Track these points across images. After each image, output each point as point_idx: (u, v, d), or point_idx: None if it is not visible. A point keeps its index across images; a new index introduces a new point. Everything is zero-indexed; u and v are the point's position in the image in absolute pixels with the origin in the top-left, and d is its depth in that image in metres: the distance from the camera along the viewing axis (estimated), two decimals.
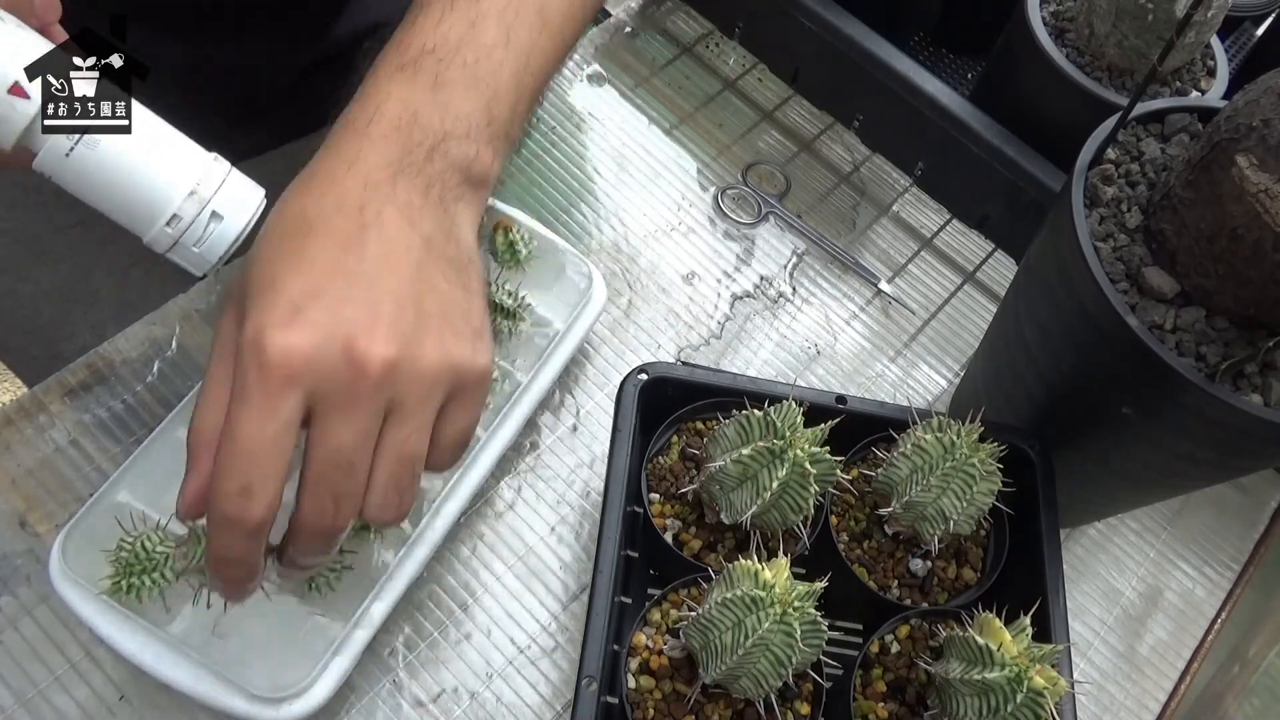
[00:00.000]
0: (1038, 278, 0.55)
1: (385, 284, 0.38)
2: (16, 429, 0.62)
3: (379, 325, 0.37)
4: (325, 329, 0.36)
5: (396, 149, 0.42)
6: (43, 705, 0.55)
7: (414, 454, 0.40)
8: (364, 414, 0.37)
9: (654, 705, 0.51)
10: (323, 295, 0.37)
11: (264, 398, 0.36)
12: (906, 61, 0.76)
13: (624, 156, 0.81)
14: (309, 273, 0.38)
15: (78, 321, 0.77)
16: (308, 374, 0.36)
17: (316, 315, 0.37)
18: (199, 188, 0.42)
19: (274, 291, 0.37)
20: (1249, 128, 0.44)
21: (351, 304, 0.37)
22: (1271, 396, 0.47)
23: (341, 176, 0.41)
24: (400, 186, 0.41)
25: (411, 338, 0.38)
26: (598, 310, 0.67)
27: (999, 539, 0.59)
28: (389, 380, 0.37)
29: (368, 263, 0.39)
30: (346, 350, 0.37)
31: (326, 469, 0.38)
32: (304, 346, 0.36)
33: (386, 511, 0.40)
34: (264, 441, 0.36)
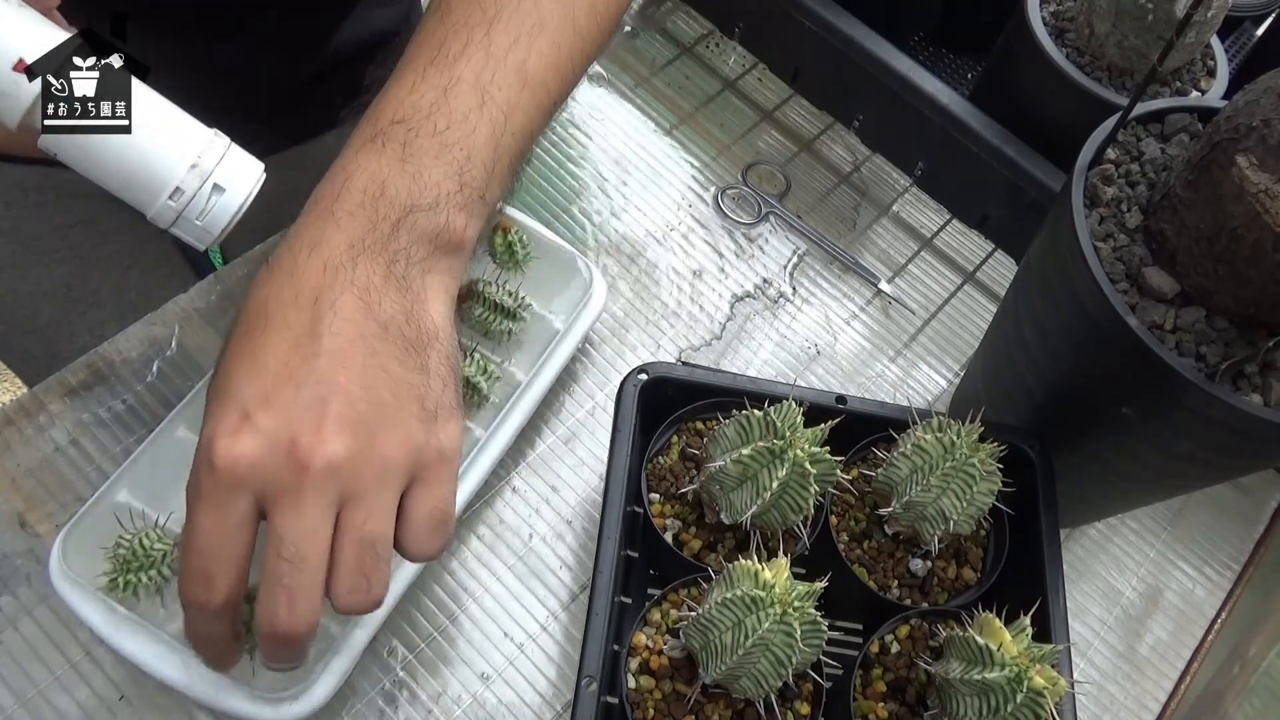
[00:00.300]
0: (1038, 278, 0.55)
1: (335, 380, 0.40)
2: (16, 429, 0.62)
3: (325, 423, 0.39)
4: (269, 435, 0.39)
5: (360, 226, 0.42)
6: (43, 705, 0.55)
7: (373, 535, 0.40)
8: (311, 507, 0.39)
9: (654, 705, 0.51)
10: (271, 401, 0.39)
11: (214, 500, 0.39)
12: (906, 61, 0.76)
13: (624, 156, 0.81)
14: (260, 377, 0.40)
15: (77, 322, 0.77)
16: (252, 478, 0.38)
17: (263, 422, 0.39)
18: (200, 161, 0.42)
19: (228, 398, 0.40)
20: (1249, 128, 0.44)
21: (298, 406, 0.39)
22: (1271, 396, 0.47)
23: (303, 263, 0.42)
24: (360, 268, 0.42)
25: (362, 430, 0.40)
26: (598, 310, 0.67)
27: (999, 539, 0.59)
28: (334, 474, 0.39)
29: (320, 359, 0.40)
30: (289, 453, 0.38)
31: (275, 563, 0.39)
32: (248, 454, 0.38)
33: (355, 596, 0.41)
34: (219, 537, 0.39)
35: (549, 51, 0.50)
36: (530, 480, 0.65)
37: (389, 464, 0.40)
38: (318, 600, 0.40)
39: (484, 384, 0.61)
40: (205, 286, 0.68)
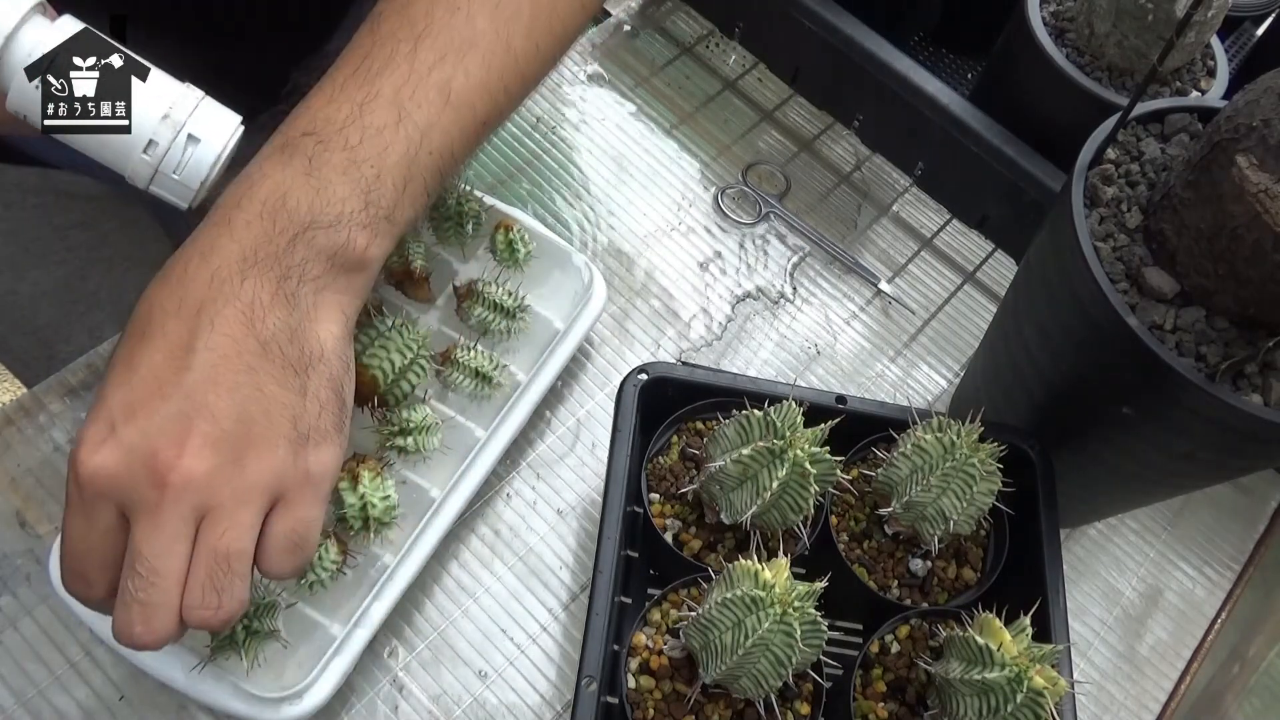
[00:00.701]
0: (1038, 278, 0.55)
1: (203, 396, 0.40)
2: (16, 429, 0.62)
3: (188, 439, 0.39)
4: (130, 448, 0.39)
5: (255, 237, 0.42)
6: (43, 705, 0.55)
7: (228, 551, 0.40)
8: (167, 522, 0.39)
9: (654, 705, 0.51)
10: (136, 413, 0.39)
11: (80, 508, 0.40)
12: (906, 61, 0.76)
13: (624, 156, 0.81)
14: (129, 386, 0.40)
15: (75, 323, 0.77)
16: (113, 490, 0.39)
17: (127, 434, 0.39)
18: (172, 111, 0.42)
19: (99, 405, 0.40)
20: (1249, 128, 0.44)
21: (163, 419, 0.39)
22: (1271, 396, 0.47)
23: (192, 271, 0.41)
24: (249, 282, 0.41)
25: (225, 447, 0.40)
26: (598, 310, 0.67)
27: (999, 539, 0.59)
28: (192, 489, 0.39)
29: (192, 373, 0.40)
30: (148, 466, 0.39)
31: (130, 576, 0.39)
32: (108, 466, 0.39)
33: (205, 611, 0.40)
34: (88, 543, 0.40)
35: (477, 72, 0.48)
36: (530, 480, 0.65)
37: (250, 483, 0.40)
38: (173, 614, 0.40)
39: (494, 374, 0.61)
40: None
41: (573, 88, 0.84)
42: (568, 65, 0.85)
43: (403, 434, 0.57)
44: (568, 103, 0.83)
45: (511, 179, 0.78)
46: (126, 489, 0.39)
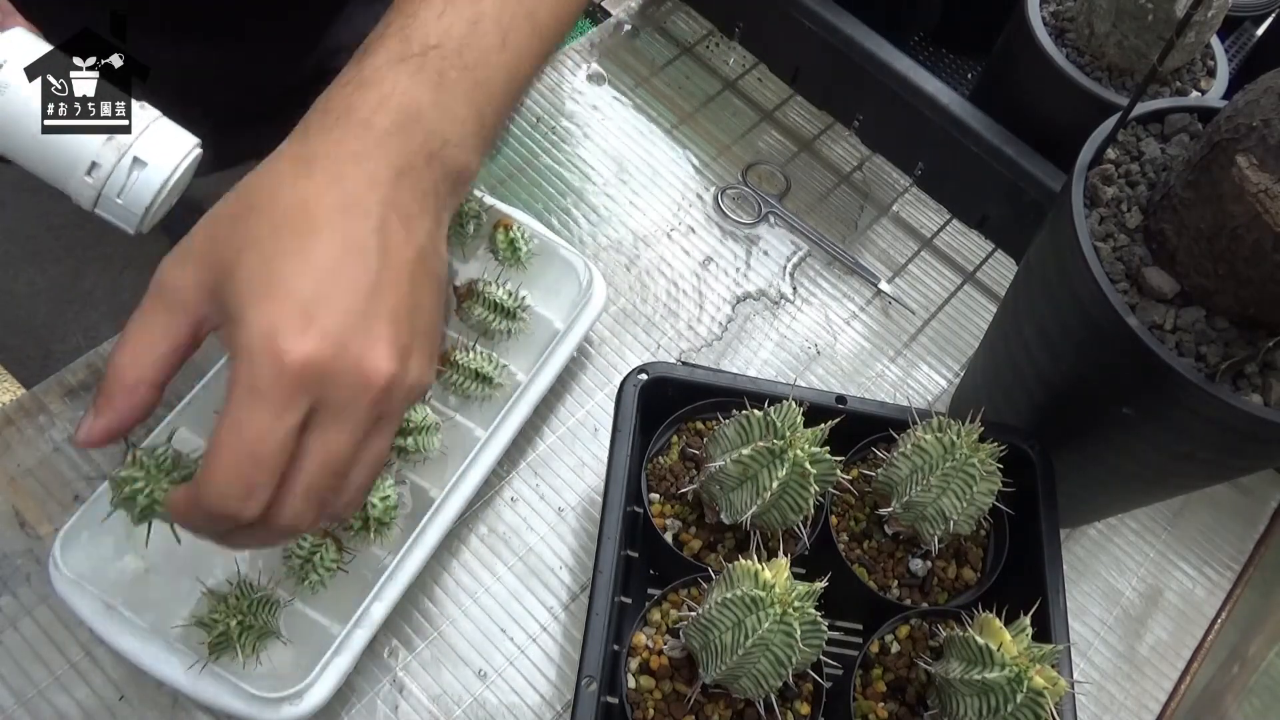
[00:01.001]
0: (1038, 278, 0.55)
1: (388, 299, 0.38)
2: (16, 429, 0.62)
3: (383, 341, 0.37)
4: (339, 341, 0.36)
5: (400, 150, 0.41)
6: (43, 705, 0.55)
7: (379, 461, 0.40)
8: (361, 425, 0.38)
9: (654, 705, 0.51)
10: (332, 304, 0.36)
11: (276, 399, 0.35)
12: (906, 61, 0.76)
13: (624, 156, 0.81)
14: (316, 276, 0.37)
15: (71, 322, 0.77)
16: (318, 385, 0.36)
17: (329, 325, 0.36)
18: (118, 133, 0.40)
19: (281, 290, 0.36)
20: (1249, 128, 0.44)
21: (361, 316, 0.37)
22: (1271, 396, 0.47)
23: (348, 172, 0.39)
24: (402, 192, 0.40)
25: (404, 356, 0.38)
26: (598, 310, 0.67)
27: (999, 539, 0.59)
28: (386, 396, 0.38)
29: (373, 274, 0.38)
30: (357, 365, 0.36)
31: (321, 476, 0.37)
32: (321, 358, 0.36)
33: (350, 511, 0.40)
34: (273, 446, 0.36)
35: (551, 5, 0.48)
36: (530, 480, 0.65)
37: (411, 395, 0.39)
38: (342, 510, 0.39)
39: (494, 375, 0.61)
40: None
41: (573, 88, 0.84)
42: (568, 65, 0.85)
43: (403, 434, 0.57)
44: (568, 102, 0.83)
45: (511, 179, 0.78)
46: (335, 385, 0.36)
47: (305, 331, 0.35)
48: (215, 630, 0.50)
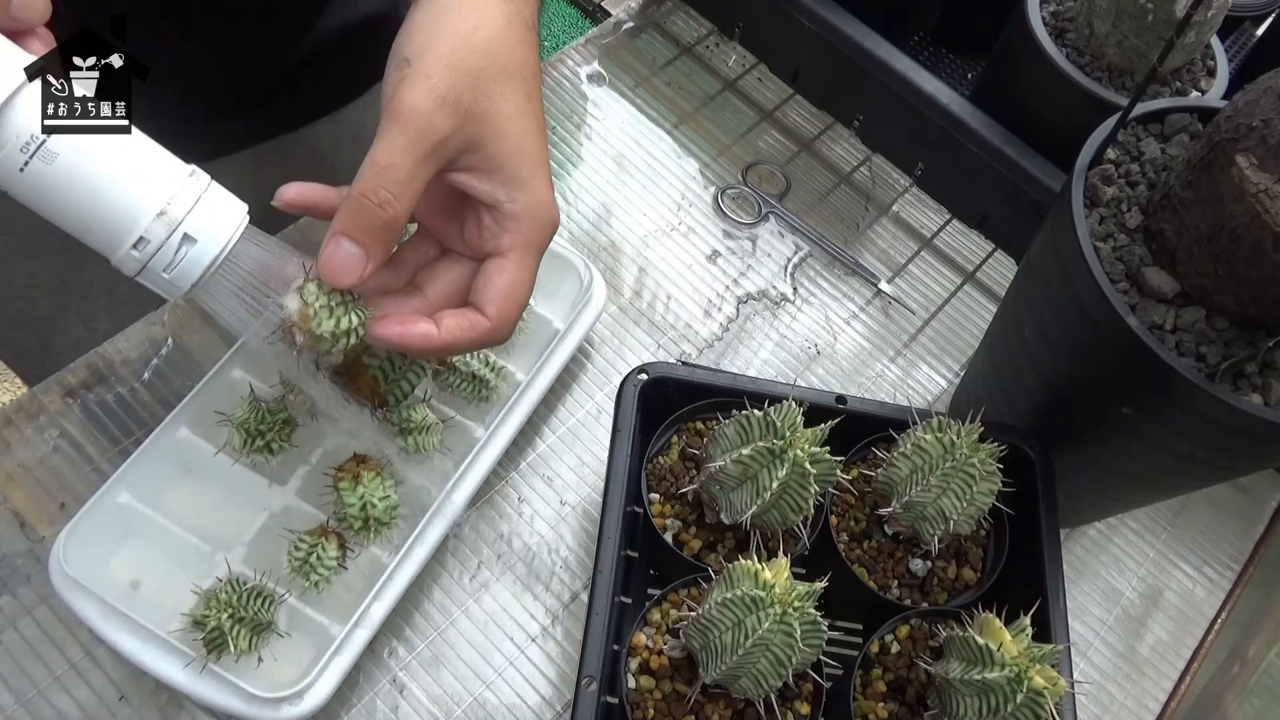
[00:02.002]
0: (1038, 278, 0.55)
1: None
2: (16, 428, 0.62)
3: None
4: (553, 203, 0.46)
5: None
6: (43, 705, 0.55)
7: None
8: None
9: (654, 705, 0.51)
10: (549, 184, 0.46)
11: (541, 251, 0.45)
12: (906, 61, 0.76)
13: (624, 156, 0.81)
14: (546, 170, 0.46)
15: (70, 314, 0.77)
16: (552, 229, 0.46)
17: (551, 196, 0.46)
18: (169, 208, 0.38)
19: (545, 166, 0.45)
20: (1249, 128, 0.44)
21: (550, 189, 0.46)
22: (1271, 396, 0.47)
23: (535, 63, 0.46)
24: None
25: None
26: (598, 310, 0.67)
27: (999, 539, 0.59)
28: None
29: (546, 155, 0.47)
30: (555, 219, 0.46)
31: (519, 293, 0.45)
32: (556, 216, 0.46)
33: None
34: (531, 286, 0.46)
35: None
36: (530, 480, 0.65)
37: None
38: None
39: (491, 377, 0.61)
40: None
41: (573, 87, 0.84)
42: (568, 65, 0.85)
43: (403, 434, 0.57)
44: (568, 103, 0.83)
45: None
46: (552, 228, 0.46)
47: (552, 204, 0.45)
48: (208, 627, 0.50)
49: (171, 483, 0.57)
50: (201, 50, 0.67)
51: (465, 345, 0.44)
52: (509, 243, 0.44)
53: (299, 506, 0.57)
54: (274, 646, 0.54)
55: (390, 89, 0.42)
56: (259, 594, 0.52)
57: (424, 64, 0.42)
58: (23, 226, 0.72)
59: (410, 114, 0.41)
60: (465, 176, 0.44)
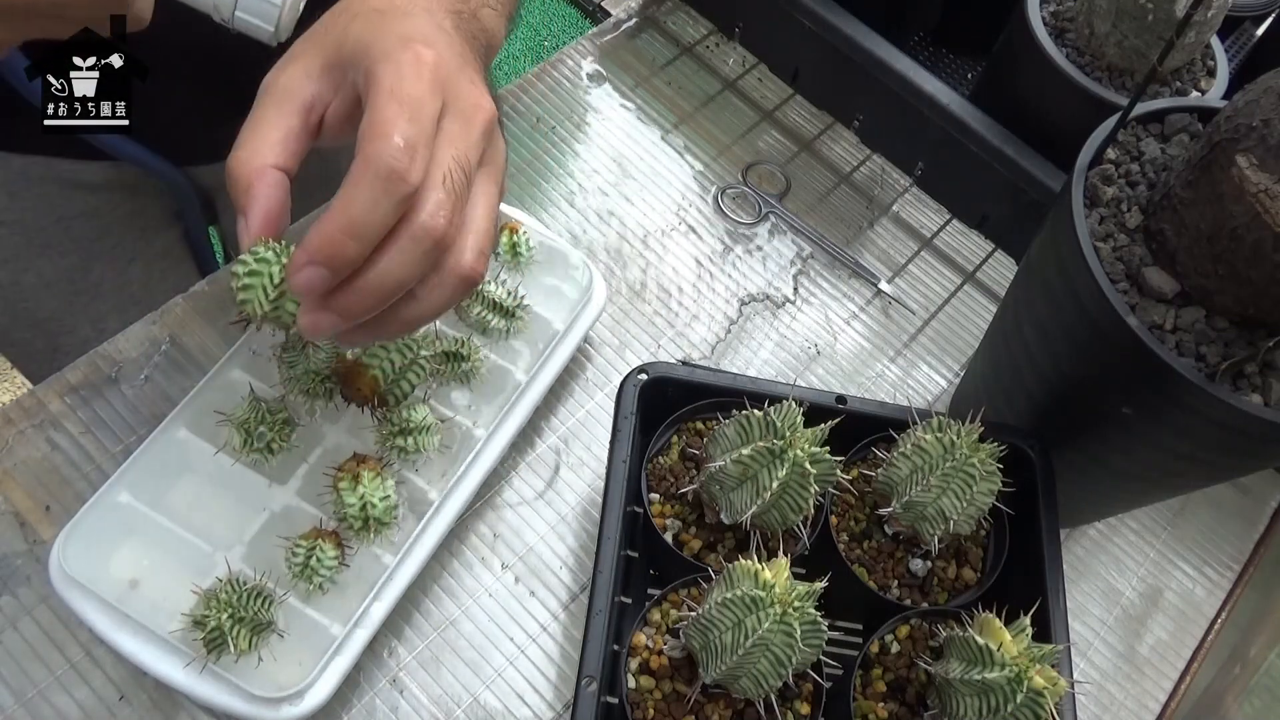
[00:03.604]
0: (1038, 278, 0.55)
1: (471, 63, 0.46)
2: (17, 428, 0.62)
3: (480, 87, 0.45)
4: (453, 66, 0.43)
5: (453, 4, 0.47)
6: (43, 705, 0.55)
7: (494, 214, 0.46)
8: (477, 143, 0.44)
9: (654, 705, 0.51)
10: (439, 45, 0.43)
11: (425, 87, 0.41)
12: (906, 61, 0.76)
13: (624, 156, 0.81)
14: (422, 30, 0.43)
15: (79, 315, 0.77)
16: (445, 87, 0.43)
17: (444, 52, 0.43)
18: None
19: (402, 31, 0.42)
20: (1249, 128, 0.44)
21: (460, 62, 0.44)
22: (1271, 396, 0.47)
23: (419, 10, 0.45)
24: (459, 32, 0.46)
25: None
26: (598, 310, 0.67)
27: (999, 539, 0.59)
28: (491, 128, 0.45)
29: (457, 45, 0.46)
30: (469, 87, 0.44)
31: (455, 169, 0.42)
32: (446, 66, 0.43)
33: (476, 258, 0.45)
34: (427, 115, 0.41)
35: None
36: (530, 480, 0.65)
37: (498, 155, 0.47)
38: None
39: (515, 309, 0.62)
40: (206, 286, 0.68)
41: (573, 88, 0.84)
42: (568, 65, 0.85)
43: (403, 434, 0.57)
44: (568, 103, 0.83)
45: (511, 179, 0.78)
46: (454, 91, 0.43)
47: (430, 47, 0.42)
48: (208, 627, 0.50)
49: (171, 483, 0.57)
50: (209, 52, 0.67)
51: (358, 195, 0.39)
52: (366, 72, 0.41)
53: (299, 506, 0.57)
54: (274, 646, 0.53)
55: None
56: (259, 594, 0.52)
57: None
58: (32, 227, 0.72)
59: (267, 78, 0.43)
60: (334, 105, 0.43)
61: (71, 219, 0.73)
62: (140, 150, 0.69)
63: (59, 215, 0.73)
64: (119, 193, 0.75)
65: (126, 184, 0.75)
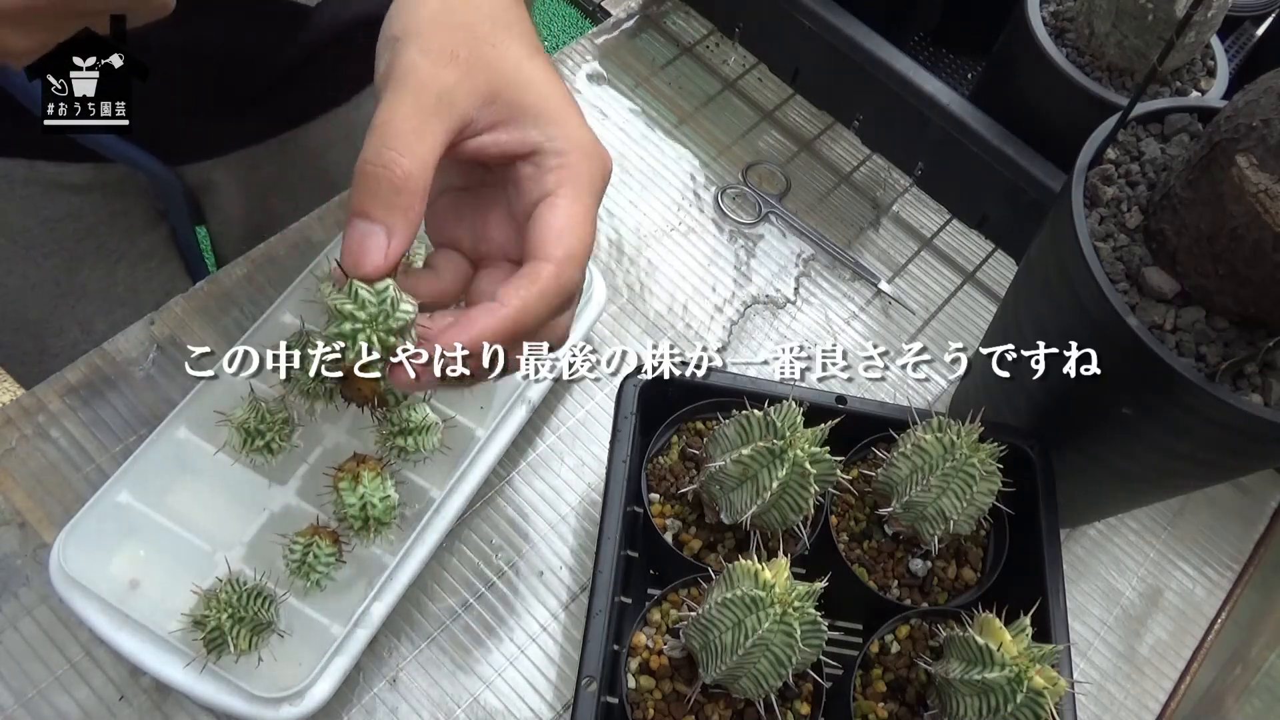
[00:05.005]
0: (1038, 278, 0.55)
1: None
2: (16, 429, 0.61)
3: None
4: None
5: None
6: (43, 705, 0.55)
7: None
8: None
9: (654, 705, 0.51)
10: (586, 123, 0.43)
11: (601, 188, 0.41)
12: (906, 61, 0.76)
13: (624, 156, 0.81)
14: (579, 110, 0.43)
15: (66, 316, 0.77)
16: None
17: (593, 134, 0.43)
18: None
19: (576, 116, 0.41)
20: (1249, 128, 0.44)
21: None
22: (1271, 396, 0.47)
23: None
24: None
25: None
26: (598, 310, 0.67)
27: (999, 539, 0.59)
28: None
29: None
30: (607, 157, 0.43)
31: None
32: (606, 153, 0.43)
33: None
34: (593, 224, 0.41)
35: None
36: (530, 480, 0.65)
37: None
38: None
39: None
40: (205, 286, 0.68)
41: (573, 88, 0.84)
42: (568, 65, 0.85)
43: (403, 434, 0.57)
44: None
45: None
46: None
47: (608, 156, 0.41)
48: (208, 627, 0.50)
49: (171, 483, 0.57)
50: (198, 50, 0.67)
51: (535, 306, 0.37)
52: (556, 180, 0.38)
53: (299, 506, 0.57)
54: (274, 646, 0.53)
55: (382, 69, 0.38)
56: (259, 594, 0.52)
57: (411, 32, 0.38)
58: (16, 229, 0.72)
59: (404, 71, 0.37)
60: (489, 136, 0.39)
61: (56, 221, 0.73)
62: (132, 149, 0.69)
63: (43, 217, 0.73)
64: (103, 193, 0.75)
65: (110, 185, 0.75)
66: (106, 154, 0.69)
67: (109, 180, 0.74)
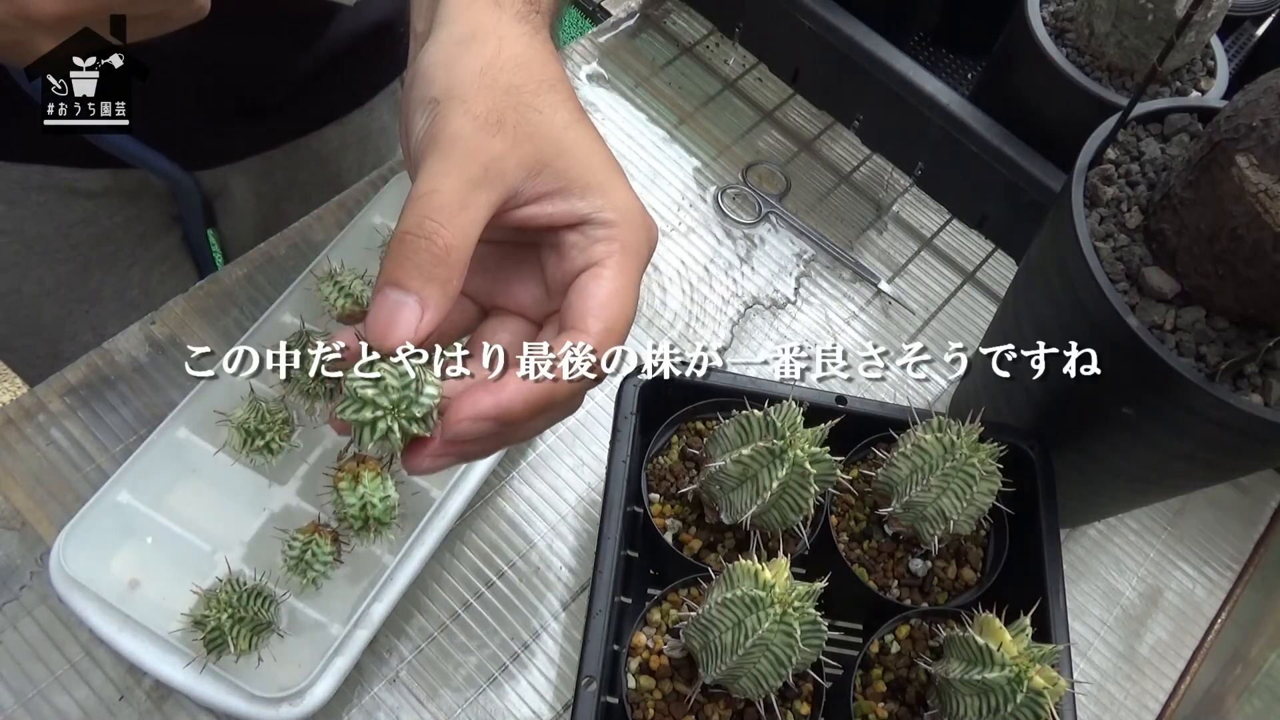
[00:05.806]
0: (1038, 278, 0.55)
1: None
2: (17, 429, 0.61)
3: None
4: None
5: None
6: (43, 705, 0.55)
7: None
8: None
9: (654, 705, 0.51)
10: (634, 192, 0.42)
11: (645, 262, 0.39)
12: (906, 61, 0.76)
13: (624, 156, 0.81)
14: (626, 179, 0.42)
15: (79, 321, 0.77)
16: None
17: (641, 204, 0.42)
18: None
19: (624, 185, 0.40)
20: (1249, 128, 0.44)
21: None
22: (1271, 396, 0.47)
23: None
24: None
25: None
26: None
27: (999, 539, 0.59)
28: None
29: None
30: (654, 228, 0.42)
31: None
32: (654, 225, 0.41)
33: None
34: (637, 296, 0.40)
35: None
36: (530, 480, 0.65)
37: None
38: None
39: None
40: (205, 286, 0.68)
41: (573, 87, 0.84)
42: (568, 65, 0.85)
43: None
44: None
45: None
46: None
47: (649, 216, 0.40)
48: (208, 627, 0.50)
49: (171, 483, 0.57)
50: (216, 60, 0.67)
51: (573, 387, 0.36)
52: (604, 250, 0.37)
53: (299, 506, 0.57)
54: (274, 646, 0.53)
55: (423, 134, 0.36)
56: (259, 594, 0.52)
57: (455, 95, 0.36)
58: (32, 235, 0.73)
59: (450, 139, 0.35)
60: (535, 207, 0.37)
61: (70, 226, 0.74)
62: (150, 153, 0.69)
63: (58, 223, 0.73)
64: (117, 199, 0.75)
65: (125, 190, 0.75)
66: (126, 160, 0.69)
67: (124, 186, 0.74)
